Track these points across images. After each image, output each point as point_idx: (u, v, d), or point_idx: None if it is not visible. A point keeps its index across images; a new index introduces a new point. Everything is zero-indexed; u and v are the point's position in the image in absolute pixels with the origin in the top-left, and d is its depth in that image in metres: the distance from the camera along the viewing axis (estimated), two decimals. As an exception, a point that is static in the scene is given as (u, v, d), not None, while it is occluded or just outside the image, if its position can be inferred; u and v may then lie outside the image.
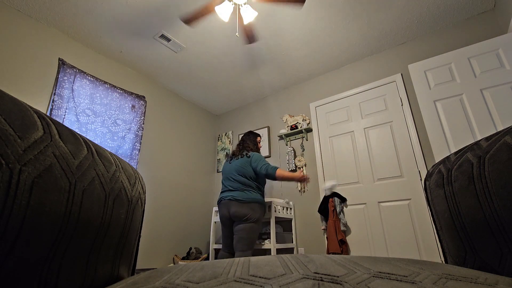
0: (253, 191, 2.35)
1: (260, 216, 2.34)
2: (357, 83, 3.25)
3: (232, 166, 2.46)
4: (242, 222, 2.26)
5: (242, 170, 2.39)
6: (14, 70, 2.39)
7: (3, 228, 0.26)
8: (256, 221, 2.29)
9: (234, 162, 2.49)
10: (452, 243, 0.54)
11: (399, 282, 0.26)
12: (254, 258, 0.37)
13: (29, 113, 0.31)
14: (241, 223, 2.26)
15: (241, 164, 2.42)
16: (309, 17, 2.65)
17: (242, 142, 2.64)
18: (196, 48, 3.06)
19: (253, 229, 2.27)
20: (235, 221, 2.31)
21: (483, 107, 2.11)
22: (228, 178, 2.43)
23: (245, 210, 2.25)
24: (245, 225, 2.25)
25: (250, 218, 2.26)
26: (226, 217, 2.34)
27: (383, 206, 2.69)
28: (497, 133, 0.44)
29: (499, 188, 0.40)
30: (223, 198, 2.37)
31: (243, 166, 2.41)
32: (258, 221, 2.32)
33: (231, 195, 2.32)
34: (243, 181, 2.36)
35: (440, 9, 2.60)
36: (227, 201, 2.33)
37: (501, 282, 0.27)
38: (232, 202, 2.30)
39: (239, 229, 2.26)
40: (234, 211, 2.27)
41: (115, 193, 0.43)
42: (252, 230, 2.27)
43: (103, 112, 2.94)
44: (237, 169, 2.41)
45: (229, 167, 2.48)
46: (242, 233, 2.24)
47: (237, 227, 2.27)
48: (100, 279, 0.40)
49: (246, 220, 2.26)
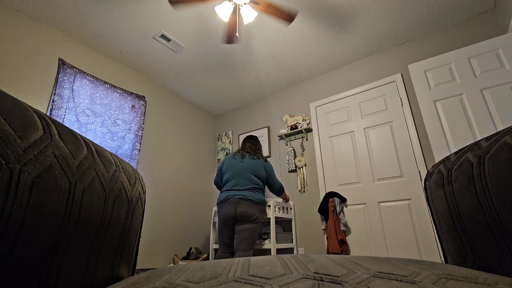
0: (261, 193, 2.42)
1: (263, 217, 2.44)
2: (357, 83, 3.25)
3: (245, 165, 2.39)
4: (248, 222, 2.26)
5: (257, 171, 2.41)
6: (14, 70, 2.39)
7: (3, 228, 0.26)
8: (259, 221, 2.35)
9: (248, 161, 2.42)
10: (452, 243, 0.54)
11: (399, 282, 0.26)
12: (254, 258, 0.37)
13: (29, 113, 0.31)
14: (246, 223, 2.25)
15: (257, 165, 2.43)
16: (309, 17, 2.65)
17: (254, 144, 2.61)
18: (196, 48, 3.06)
19: (256, 229, 2.31)
20: (239, 220, 2.28)
21: (483, 107, 2.11)
22: (238, 176, 2.35)
23: (254, 210, 2.27)
24: (251, 225, 2.26)
25: (256, 218, 2.29)
26: (230, 216, 2.27)
27: (383, 206, 2.69)
28: (497, 133, 0.44)
29: (499, 188, 0.40)
30: (232, 196, 2.28)
31: (259, 167, 2.43)
32: (260, 222, 2.38)
33: (242, 194, 2.26)
34: (256, 181, 2.37)
35: (440, 9, 2.60)
36: (237, 200, 2.25)
37: (501, 282, 0.27)
38: (243, 201, 2.24)
39: (243, 229, 2.24)
40: (242, 211, 2.23)
41: (115, 193, 0.43)
42: (255, 230, 2.30)
43: (103, 112, 2.94)
44: (252, 169, 2.38)
45: (241, 165, 2.40)
46: (245, 233, 2.24)
47: (241, 227, 2.26)
48: (100, 279, 0.40)
49: (253, 220, 2.26)
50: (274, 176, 2.56)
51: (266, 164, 2.54)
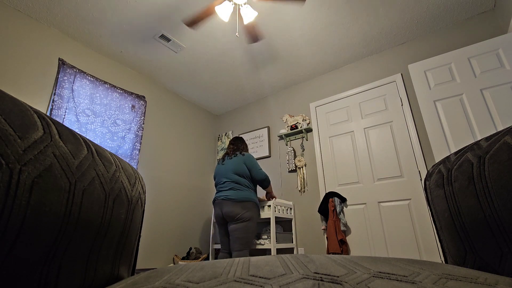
0: (246, 190, 2.35)
1: (254, 214, 2.32)
2: (357, 83, 3.25)
3: (226, 166, 2.46)
4: (235, 222, 2.25)
5: (237, 168, 2.39)
6: (14, 70, 2.39)
7: (3, 228, 0.26)
8: (249, 219, 2.27)
9: (228, 161, 2.49)
10: (452, 243, 0.54)
11: (399, 282, 0.26)
12: (254, 258, 0.37)
13: (29, 113, 0.31)
14: (235, 223, 2.26)
15: (236, 162, 2.43)
16: (308, 17, 2.65)
17: (235, 145, 2.65)
18: (196, 48, 3.06)
19: (247, 228, 2.25)
20: (228, 221, 2.31)
21: (483, 107, 2.11)
22: (222, 178, 2.43)
23: (237, 209, 2.25)
24: (238, 225, 2.24)
25: (242, 217, 2.24)
26: (219, 216, 2.35)
27: (383, 206, 2.69)
28: (497, 133, 0.44)
29: (499, 188, 0.40)
30: (217, 198, 2.37)
31: (238, 164, 2.41)
32: (252, 219, 2.29)
33: (224, 195, 2.32)
34: (237, 179, 2.36)
35: (440, 9, 2.60)
36: (220, 201, 2.33)
37: (501, 282, 0.27)
38: (225, 202, 2.30)
39: (233, 229, 2.26)
40: (226, 211, 2.27)
41: (115, 193, 0.43)
42: (246, 229, 2.25)
43: (103, 112, 2.94)
44: (232, 169, 2.41)
45: (223, 168, 2.48)
46: (237, 233, 2.24)
47: (231, 227, 2.27)
48: (100, 279, 0.40)
49: (239, 219, 2.24)
50: (256, 168, 2.45)
51: (244, 158, 2.46)
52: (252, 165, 2.43)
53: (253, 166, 2.43)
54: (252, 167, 2.42)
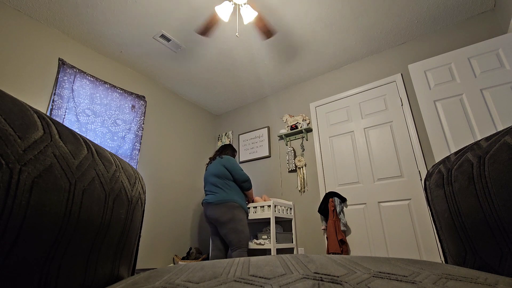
0: (224, 192, 2.35)
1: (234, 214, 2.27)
2: (357, 83, 3.25)
3: (208, 171, 2.55)
4: (220, 225, 2.29)
5: (216, 171, 2.45)
6: (14, 70, 2.39)
7: (3, 228, 0.26)
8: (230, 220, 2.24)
9: (209, 166, 2.57)
10: (452, 243, 0.54)
11: (399, 282, 0.26)
12: (254, 258, 0.37)
13: (29, 113, 0.31)
14: (220, 226, 2.30)
15: (215, 166, 2.49)
16: (308, 17, 2.65)
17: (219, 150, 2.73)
18: (196, 48, 3.06)
19: (233, 229, 2.24)
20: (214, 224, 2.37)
21: (483, 107, 2.11)
22: (206, 183, 2.51)
23: (218, 212, 2.27)
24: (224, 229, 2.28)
25: (222, 220, 2.25)
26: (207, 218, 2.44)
27: (383, 206, 2.69)
28: (497, 133, 0.44)
29: (499, 188, 0.40)
30: (202, 202, 2.47)
31: (217, 167, 2.47)
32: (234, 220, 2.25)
33: (205, 199, 2.42)
34: (215, 181, 2.41)
35: (440, 9, 2.60)
36: (204, 204, 2.41)
37: (501, 282, 0.27)
38: (207, 205, 2.37)
39: (222, 234, 2.30)
40: (209, 214, 2.34)
41: (115, 193, 0.43)
42: (233, 230, 2.24)
43: (103, 112, 2.94)
44: (212, 172, 2.47)
45: (206, 173, 2.57)
46: (227, 237, 2.27)
47: (221, 232, 2.32)
48: (100, 279, 0.40)
49: (222, 223, 2.26)
50: (236, 169, 2.44)
51: (223, 160, 2.47)
52: (231, 167, 2.46)
53: (233, 168, 2.45)
54: (232, 169, 2.45)
